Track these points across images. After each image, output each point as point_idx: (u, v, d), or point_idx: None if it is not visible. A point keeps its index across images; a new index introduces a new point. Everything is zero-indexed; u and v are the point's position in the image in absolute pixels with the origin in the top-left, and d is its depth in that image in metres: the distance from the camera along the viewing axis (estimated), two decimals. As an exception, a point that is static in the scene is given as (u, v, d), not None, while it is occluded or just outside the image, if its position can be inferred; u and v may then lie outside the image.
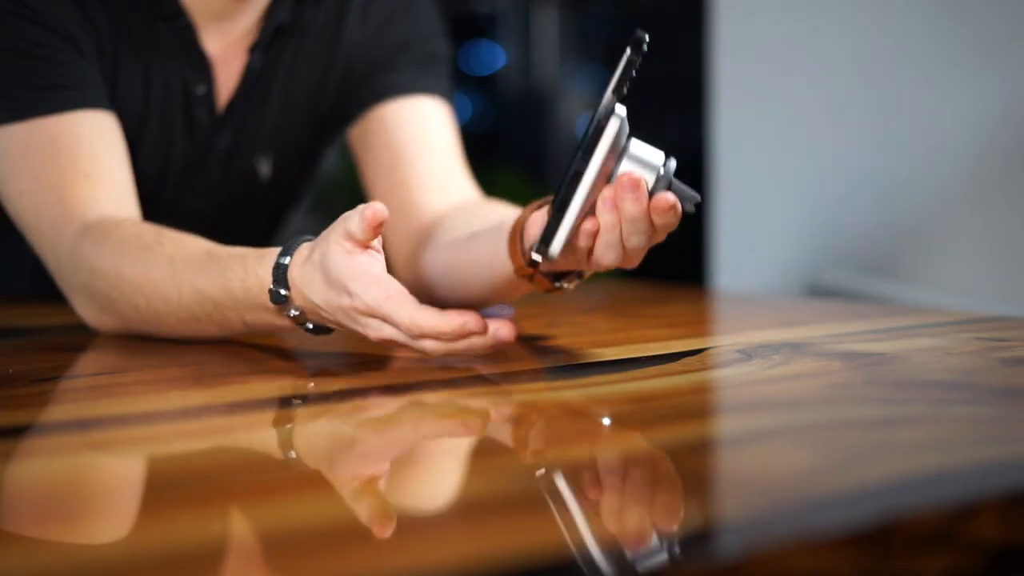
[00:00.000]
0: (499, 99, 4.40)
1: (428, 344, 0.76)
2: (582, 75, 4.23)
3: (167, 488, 0.55)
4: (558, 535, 0.46)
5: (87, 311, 0.97)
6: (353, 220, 0.77)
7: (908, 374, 0.77)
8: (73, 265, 0.96)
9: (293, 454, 0.62)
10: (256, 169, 1.22)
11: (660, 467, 0.56)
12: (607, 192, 0.75)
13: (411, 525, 0.49)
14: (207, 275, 0.86)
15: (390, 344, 0.78)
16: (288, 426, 0.69)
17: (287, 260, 0.81)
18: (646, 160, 0.75)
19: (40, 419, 0.69)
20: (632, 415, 0.68)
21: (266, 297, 0.82)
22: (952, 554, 0.46)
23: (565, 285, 0.86)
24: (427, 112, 1.20)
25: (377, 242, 0.79)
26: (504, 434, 0.67)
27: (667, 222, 0.75)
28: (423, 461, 0.61)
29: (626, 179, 0.74)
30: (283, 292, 0.81)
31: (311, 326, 0.83)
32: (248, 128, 1.19)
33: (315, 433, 0.67)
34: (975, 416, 0.65)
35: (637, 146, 0.75)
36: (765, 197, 2.50)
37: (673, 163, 0.76)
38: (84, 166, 1.00)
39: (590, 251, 0.78)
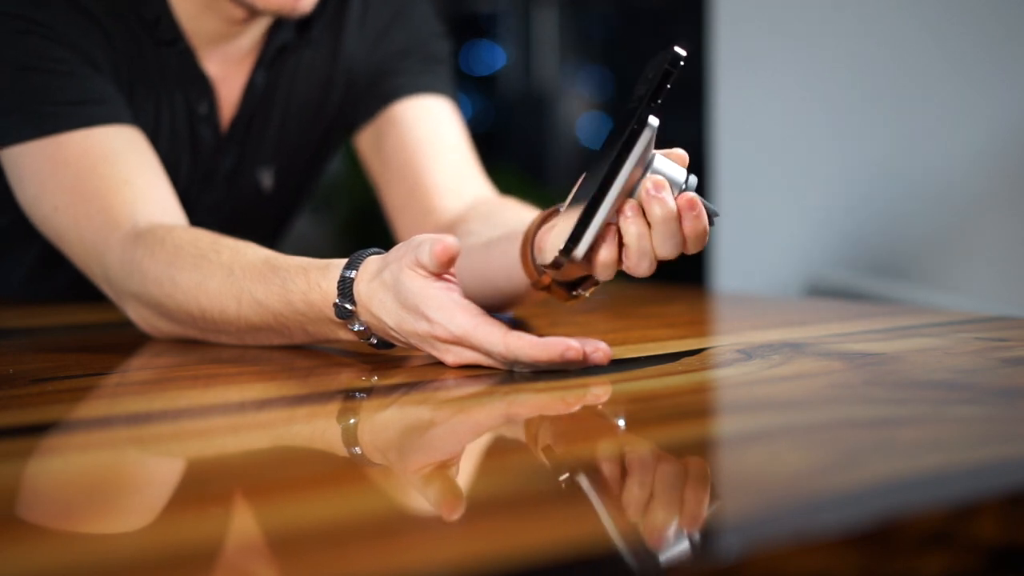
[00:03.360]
0: (499, 99, 4.40)
1: (516, 367, 0.76)
2: (582, 75, 4.23)
3: (196, 484, 0.55)
4: (558, 535, 0.46)
5: (141, 317, 0.94)
6: (424, 251, 0.75)
7: (908, 374, 0.77)
8: (124, 272, 0.93)
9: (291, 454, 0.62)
10: (259, 181, 1.22)
11: (660, 467, 0.56)
12: (632, 202, 0.75)
13: (411, 525, 0.49)
14: (268, 286, 0.84)
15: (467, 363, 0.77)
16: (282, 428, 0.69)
17: (352, 274, 0.80)
18: (669, 175, 0.76)
19: (56, 418, 0.69)
20: (632, 415, 0.68)
21: (330, 311, 0.81)
22: (952, 554, 0.46)
23: (582, 293, 0.85)
24: (436, 110, 1.20)
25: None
26: (503, 434, 0.67)
27: (694, 227, 0.75)
28: (421, 461, 0.61)
29: (650, 182, 0.75)
30: (348, 307, 0.80)
31: (375, 341, 0.82)
32: (251, 144, 1.19)
33: (316, 433, 0.67)
34: (975, 416, 0.65)
35: (661, 161, 0.76)
36: (765, 197, 2.50)
37: (695, 179, 0.77)
38: (123, 174, 0.98)
39: (619, 257, 0.77)
